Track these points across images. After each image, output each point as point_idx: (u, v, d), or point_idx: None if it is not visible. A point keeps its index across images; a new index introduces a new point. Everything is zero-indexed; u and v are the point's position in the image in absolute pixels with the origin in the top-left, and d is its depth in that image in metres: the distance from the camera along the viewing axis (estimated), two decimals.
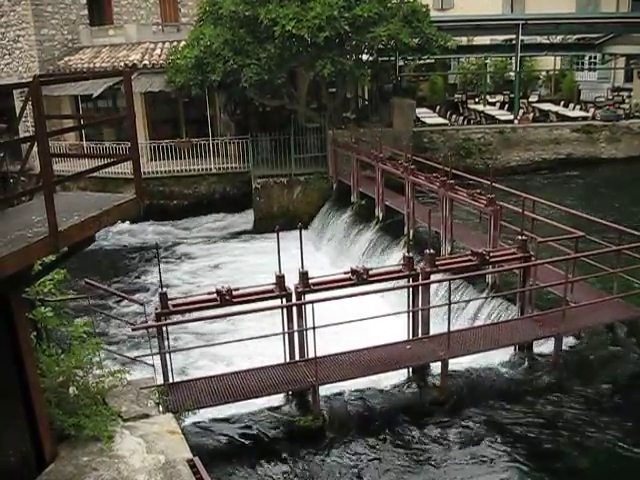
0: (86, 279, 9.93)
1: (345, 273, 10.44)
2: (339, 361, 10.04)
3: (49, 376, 7.07)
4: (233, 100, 23.06)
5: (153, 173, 21.75)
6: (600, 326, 11.16)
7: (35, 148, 5.77)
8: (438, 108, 29.56)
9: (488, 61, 34.26)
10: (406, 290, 10.80)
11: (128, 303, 14.10)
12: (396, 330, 10.78)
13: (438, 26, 21.19)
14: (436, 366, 10.26)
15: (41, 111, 5.61)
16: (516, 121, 25.76)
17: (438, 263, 10.89)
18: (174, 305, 9.65)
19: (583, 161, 24.55)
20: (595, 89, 31.85)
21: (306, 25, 18.19)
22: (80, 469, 6.61)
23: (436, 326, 11.14)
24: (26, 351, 6.37)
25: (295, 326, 10.02)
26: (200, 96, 21.86)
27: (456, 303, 11.88)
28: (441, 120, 27.27)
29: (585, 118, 26.25)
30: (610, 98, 29.13)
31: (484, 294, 12.41)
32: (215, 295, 9.70)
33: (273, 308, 10.20)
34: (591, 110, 27.00)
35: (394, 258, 14.90)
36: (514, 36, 26.68)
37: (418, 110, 26.39)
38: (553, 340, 10.51)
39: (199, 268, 18.52)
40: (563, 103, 29.11)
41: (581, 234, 11.11)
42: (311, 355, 9.77)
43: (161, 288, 9.65)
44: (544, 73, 34.01)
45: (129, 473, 6.62)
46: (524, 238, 11.18)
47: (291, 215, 20.09)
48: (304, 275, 10.02)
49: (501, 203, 12.98)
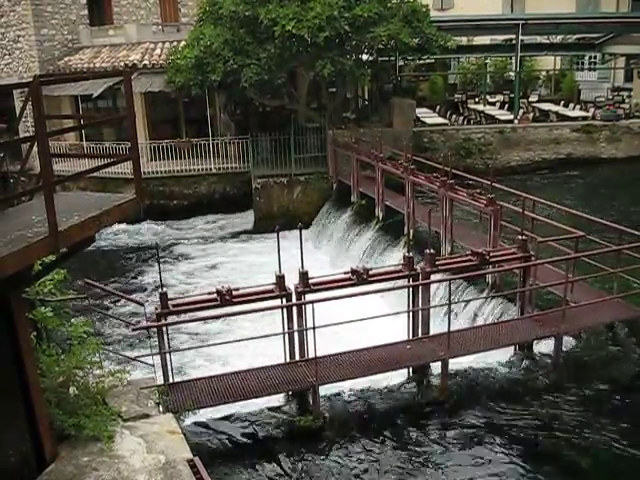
0: (86, 279, 9.93)
1: (345, 273, 10.44)
2: (339, 361, 10.03)
3: (49, 376, 7.07)
4: (233, 100, 23.06)
5: (153, 173, 21.76)
6: (600, 326, 11.15)
7: (35, 148, 5.77)
8: (438, 108, 29.57)
9: (488, 61, 34.27)
10: (406, 290, 10.80)
11: (126, 303, 14.11)
12: (396, 330, 10.78)
13: (438, 26, 21.20)
14: (436, 366, 10.26)
15: (41, 111, 5.61)
16: (516, 121, 25.77)
17: (438, 263, 10.88)
18: (174, 305, 9.64)
19: (583, 161, 24.56)
20: (595, 89, 31.87)
21: (306, 25, 18.19)
22: (80, 469, 6.62)
23: (436, 326, 11.14)
24: (26, 351, 6.37)
25: (295, 326, 10.02)
26: (200, 96, 21.87)
27: (456, 303, 11.89)
28: (441, 120, 27.28)
29: (585, 118, 26.26)
30: (610, 98, 29.15)
31: (484, 294, 12.41)
32: (215, 295, 9.70)
33: (273, 308, 10.21)
34: (591, 110, 27.00)
35: (394, 258, 14.90)
36: (514, 36, 26.69)
37: (418, 110, 26.40)
38: (553, 340, 10.51)
39: (196, 268, 18.52)
40: (563, 103, 29.11)
41: (581, 234, 11.11)
42: (311, 355, 9.76)
43: (161, 288, 9.65)
44: (544, 73, 34.02)
45: (129, 473, 6.63)
46: (524, 238, 11.18)
47: (291, 215, 20.09)
48: (304, 275, 10.02)
49: (501, 203, 12.98)
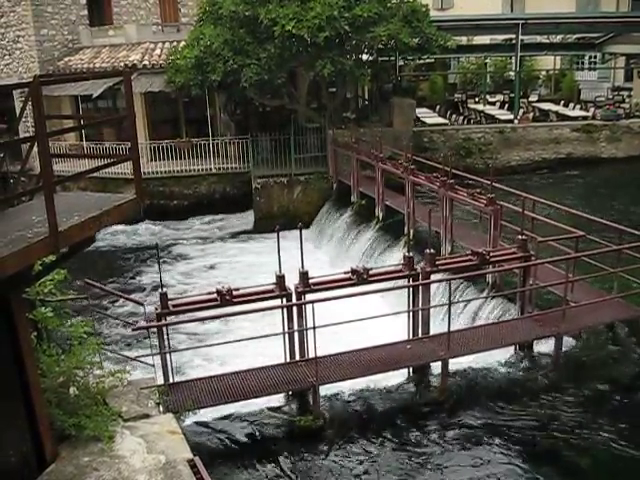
0: (86, 279, 9.93)
1: (345, 273, 10.44)
2: (339, 361, 10.03)
3: (49, 376, 7.07)
4: (233, 100, 23.06)
5: (153, 173, 21.74)
6: (600, 326, 11.15)
7: (35, 148, 5.77)
8: (438, 108, 29.56)
9: (488, 61, 34.25)
10: (406, 290, 10.80)
11: (126, 303, 14.11)
12: (395, 330, 10.77)
13: (438, 26, 21.18)
14: (436, 366, 10.26)
15: (41, 111, 5.61)
16: (516, 121, 25.76)
17: (438, 263, 10.89)
18: (174, 305, 9.65)
19: (583, 161, 24.55)
20: (595, 88, 31.86)
21: (306, 25, 18.19)
22: (81, 469, 6.62)
23: (436, 326, 11.14)
24: (26, 351, 6.38)
25: (295, 326, 10.02)
26: (200, 96, 21.86)
27: (456, 303, 11.89)
28: (441, 120, 27.28)
29: (585, 118, 26.26)
30: (610, 97, 29.14)
31: (484, 294, 12.41)
32: (215, 295, 9.70)
33: (273, 308, 10.21)
34: (591, 110, 27.00)
35: (394, 258, 14.90)
36: (514, 36, 26.69)
37: (418, 110, 26.40)
38: (553, 340, 10.51)
39: (195, 268, 18.49)
40: (563, 103, 29.11)
41: (581, 234, 11.12)
42: (311, 355, 9.77)
43: (161, 288, 9.65)
44: (544, 73, 34.01)
45: (130, 473, 6.63)
46: (524, 238, 11.18)
47: (291, 215, 20.08)
48: (304, 275, 10.02)
49: (501, 203, 12.98)
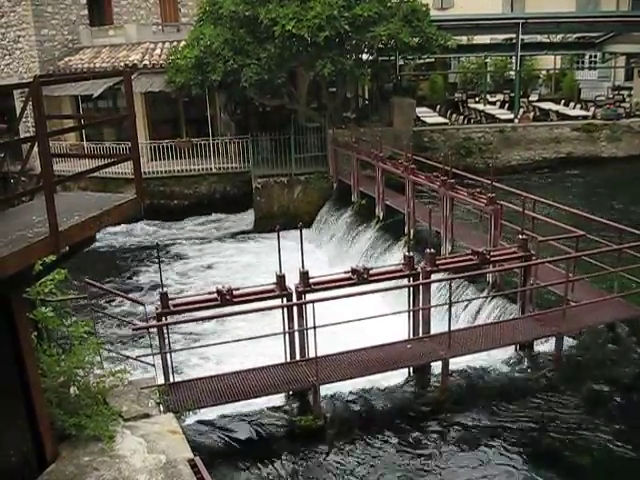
0: (86, 279, 9.93)
1: (345, 273, 10.44)
2: (340, 361, 10.03)
3: (50, 376, 7.07)
4: (233, 100, 23.06)
5: (153, 173, 21.75)
6: (601, 325, 11.14)
7: (35, 148, 5.77)
8: (438, 107, 29.56)
9: (488, 60, 34.22)
10: (406, 290, 10.80)
11: (126, 302, 14.11)
12: (395, 331, 10.76)
13: (438, 25, 21.17)
14: (437, 366, 10.25)
15: (41, 111, 5.61)
16: (516, 120, 25.75)
17: (439, 262, 10.89)
18: (174, 305, 9.65)
19: (583, 160, 24.54)
20: (595, 88, 31.83)
21: (306, 25, 18.19)
22: (81, 469, 6.62)
23: (436, 326, 11.14)
24: (27, 351, 6.38)
25: (295, 326, 10.02)
26: (200, 96, 21.86)
27: (457, 302, 11.89)
28: (441, 119, 27.27)
29: (585, 117, 26.26)
30: (610, 97, 29.11)
31: (485, 293, 12.40)
32: (215, 295, 9.70)
33: (273, 308, 10.21)
34: (591, 109, 26.98)
35: (395, 258, 14.90)
36: (514, 35, 26.69)
37: (418, 109, 26.39)
38: (554, 339, 10.50)
39: (192, 268, 18.47)
40: (563, 102, 29.11)
41: (582, 233, 11.12)
42: (312, 355, 9.77)
43: (162, 288, 9.66)
44: (544, 72, 34.00)
45: (130, 473, 6.63)
46: (525, 237, 11.17)
47: (291, 215, 20.08)
48: (304, 275, 10.02)
49: (502, 202, 12.97)
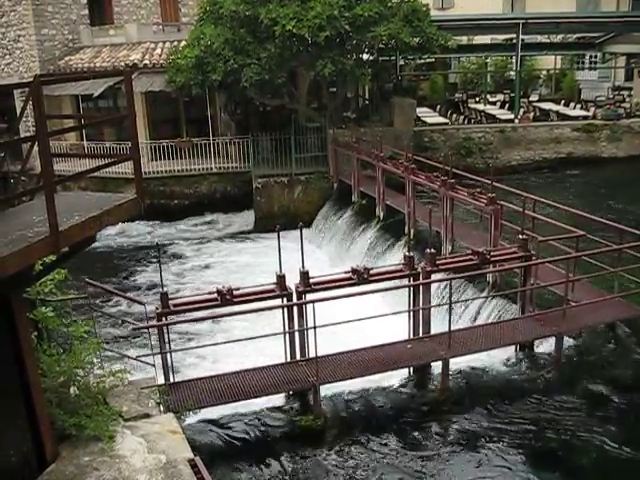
0: (86, 278, 9.92)
1: (346, 273, 10.44)
2: (340, 361, 10.03)
3: (50, 376, 7.07)
4: (233, 100, 23.06)
5: (154, 173, 21.74)
6: (601, 325, 11.14)
7: (36, 148, 5.76)
8: (438, 107, 29.57)
9: (488, 60, 34.26)
10: (406, 290, 10.80)
11: (126, 302, 14.10)
12: (395, 331, 10.76)
13: (438, 25, 21.17)
14: (437, 366, 10.25)
15: (42, 111, 5.61)
16: (517, 120, 25.76)
17: (439, 262, 10.89)
18: (175, 305, 9.65)
19: (584, 160, 24.55)
20: (596, 88, 31.83)
21: (306, 25, 18.19)
22: (81, 469, 6.62)
23: (437, 326, 11.14)
24: (27, 351, 6.37)
25: (296, 326, 10.02)
26: (200, 96, 21.85)
27: (457, 302, 11.88)
28: (442, 119, 27.29)
29: (586, 117, 26.27)
30: (611, 97, 29.11)
31: (485, 293, 12.40)
32: (216, 295, 9.70)
33: (274, 308, 10.20)
34: (592, 109, 26.99)
35: (395, 258, 14.90)
36: (514, 35, 26.69)
37: (418, 109, 26.39)
38: (554, 339, 10.50)
39: (191, 268, 18.47)
40: (564, 102, 29.11)
41: (582, 233, 11.12)
42: (312, 355, 9.77)
43: (162, 288, 9.65)
44: (544, 72, 34.01)
45: (130, 473, 6.63)
46: (525, 237, 11.17)
47: (292, 215, 20.07)
48: (305, 275, 10.02)
49: (502, 202, 12.98)
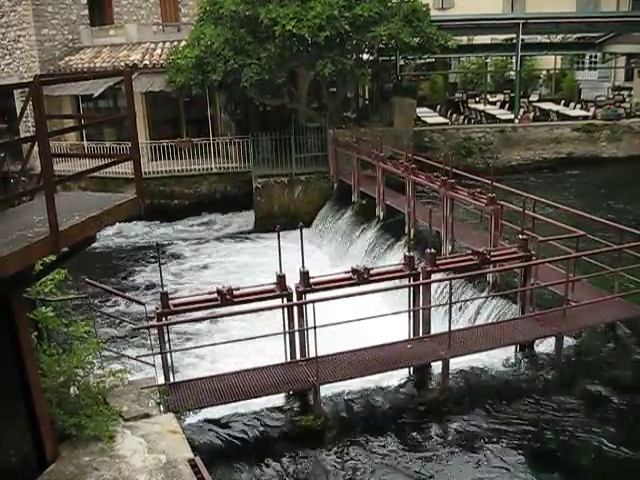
0: (86, 278, 9.93)
1: (346, 273, 10.44)
2: (340, 361, 10.03)
3: (50, 376, 7.07)
4: (233, 100, 23.06)
5: (154, 173, 21.75)
6: (601, 325, 11.15)
7: (36, 148, 5.77)
8: (439, 107, 29.57)
9: (488, 60, 34.26)
10: (407, 290, 10.80)
11: (126, 302, 14.10)
12: (395, 331, 10.76)
13: (438, 25, 21.17)
14: (437, 365, 10.25)
15: (42, 111, 5.61)
16: (517, 120, 25.76)
17: (439, 262, 10.89)
18: (175, 305, 9.65)
19: (584, 160, 24.55)
20: (596, 88, 31.83)
21: (306, 25, 18.19)
22: (81, 469, 6.62)
23: (437, 325, 11.14)
24: (27, 351, 6.37)
25: (296, 326, 10.02)
26: (201, 96, 21.86)
27: (457, 302, 11.88)
28: (442, 119, 27.29)
29: (586, 117, 26.27)
30: (611, 97, 29.11)
31: (485, 293, 12.41)
32: (216, 295, 9.70)
33: (274, 308, 10.21)
34: (592, 109, 26.99)
35: (395, 258, 14.90)
36: (514, 35, 26.69)
37: (419, 109, 26.39)
38: (554, 339, 10.50)
39: (190, 268, 18.47)
40: (564, 102, 29.11)
41: (582, 233, 11.12)
42: (312, 355, 9.77)
43: (162, 288, 9.65)
44: (544, 72, 34.01)
45: (130, 473, 6.63)
46: (525, 237, 11.18)
47: (292, 215, 20.06)
48: (305, 275, 10.02)
49: (502, 202, 12.98)
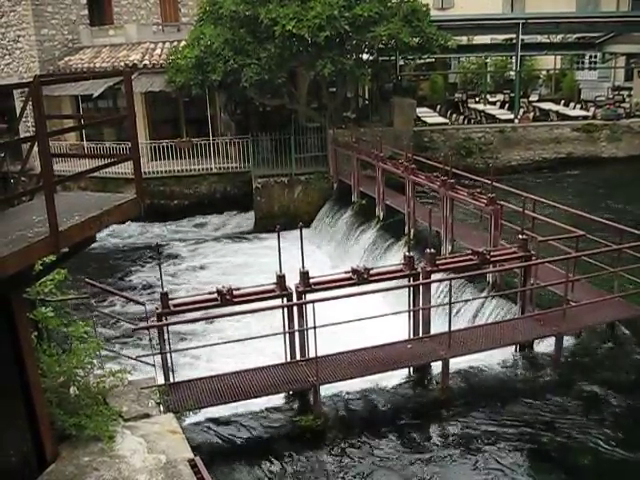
0: (86, 278, 9.93)
1: (346, 273, 10.44)
2: (340, 361, 10.03)
3: (50, 376, 7.07)
4: (233, 100, 23.06)
5: (153, 173, 21.74)
6: (601, 325, 11.16)
7: (35, 148, 5.77)
8: (438, 107, 29.58)
9: (488, 60, 34.26)
10: (407, 290, 10.80)
11: (125, 302, 14.11)
12: (395, 331, 10.76)
13: (438, 25, 21.16)
14: (437, 365, 10.26)
15: (41, 111, 5.61)
16: (516, 120, 25.76)
17: (439, 262, 10.89)
18: (175, 305, 9.65)
19: (583, 160, 24.55)
20: (595, 88, 31.83)
21: (306, 25, 18.19)
22: (81, 469, 6.62)
23: (437, 326, 11.14)
24: (27, 351, 6.37)
25: (296, 326, 10.02)
26: (200, 96, 21.86)
27: (457, 302, 11.88)
28: (441, 119, 27.29)
29: (585, 117, 26.27)
30: (610, 97, 29.12)
31: (485, 293, 12.41)
32: (216, 295, 9.70)
33: (274, 308, 10.21)
34: (591, 109, 26.99)
35: (395, 258, 14.90)
36: (514, 35, 26.69)
37: (418, 109, 26.39)
38: (554, 339, 10.51)
39: (187, 269, 18.48)
40: (563, 102, 29.12)
41: (581, 233, 11.12)
42: (312, 355, 9.77)
43: (162, 288, 9.65)
44: (544, 72, 34.02)
45: (130, 473, 6.63)
46: (525, 237, 11.18)
47: (292, 215, 20.08)
48: (305, 275, 10.02)
49: (502, 202, 12.98)
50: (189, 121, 24.37)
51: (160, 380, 9.25)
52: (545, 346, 10.88)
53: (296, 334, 10.10)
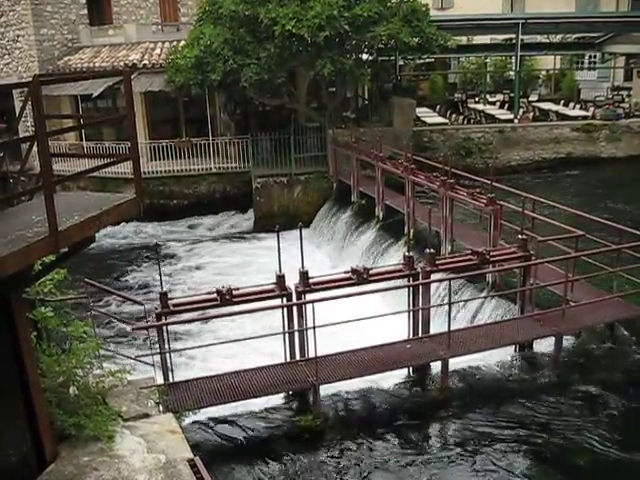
0: (85, 278, 9.92)
1: (345, 273, 10.44)
2: (340, 361, 10.03)
3: (49, 376, 7.06)
4: (233, 100, 23.05)
5: (153, 173, 21.73)
6: (600, 325, 11.16)
7: (35, 148, 5.76)
8: (438, 107, 29.57)
9: (488, 60, 34.27)
10: (406, 290, 10.80)
11: (125, 302, 14.10)
12: (394, 331, 10.76)
13: (438, 25, 21.16)
14: (436, 365, 10.26)
15: (41, 111, 5.60)
16: (516, 120, 25.77)
17: (438, 262, 10.89)
18: (174, 305, 9.65)
19: (583, 160, 24.56)
20: (595, 88, 31.85)
21: (306, 24, 18.18)
22: (81, 469, 6.61)
23: (436, 325, 11.14)
24: (26, 351, 6.37)
25: (295, 326, 10.02)
26: (200, 96, 21.85)
27: (456, 302, 11.89)
28: (441, 119, 27.28)
29: (585, 117, 26.28)
30: (610, 97, 29.13)
31: (484, 293, 12.41)
32: (215, 295, 9.70)
33: (273, 308, 10.21)
34: (591, 109, 27.00)
35: (394, 258, 14.90)
36: (514, 35, 26.70)
37: (418, 109, 26.39)
38: (553, 339, 10.51)
39: (184, 268, 18.49)
40: (563, 102, 29.12)
41: (581, 233, 11.12)
42: (311, 355, 9.77)
43: (161, 288, 9.65)
44: (544, 72, 34.03)
45: (129, 473, 6.62)
46: (524, 237, 11.18)
47: (291, 215, 20.09)
48: (304, 275, 10.02)
49: (501, 202, 12.99)
50: (189, 121, 24.35)
51: (159, 380, 9.25)
52: (545, 346, 10.88)
53: (296, 334, 10.10)
